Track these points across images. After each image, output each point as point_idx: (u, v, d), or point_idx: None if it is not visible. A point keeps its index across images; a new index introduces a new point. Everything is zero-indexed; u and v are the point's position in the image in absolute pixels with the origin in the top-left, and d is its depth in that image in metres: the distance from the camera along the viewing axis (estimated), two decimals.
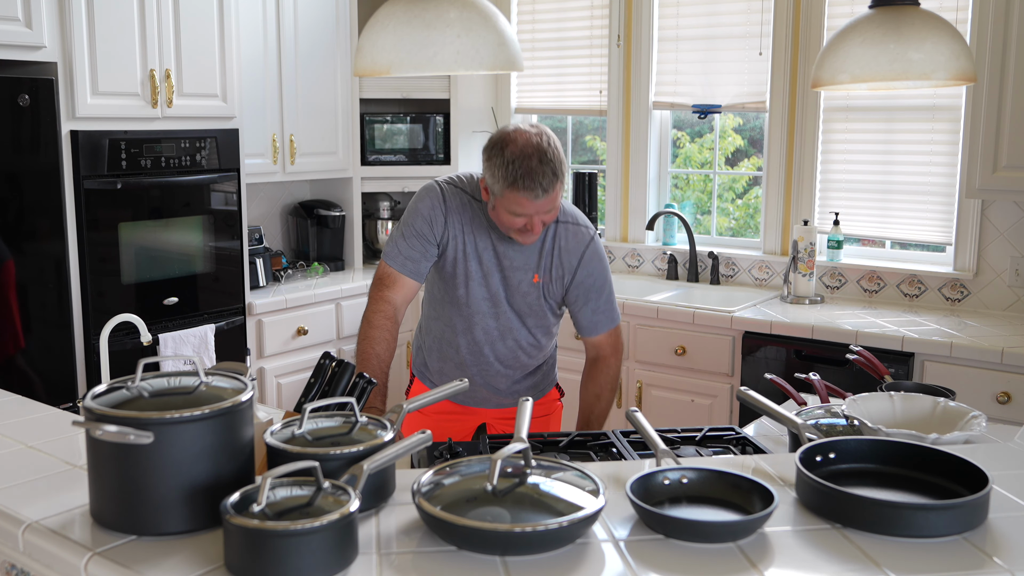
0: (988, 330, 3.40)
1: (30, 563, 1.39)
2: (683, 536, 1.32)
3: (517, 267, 2.31)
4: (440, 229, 2.28)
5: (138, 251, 3.48)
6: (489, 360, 2.39)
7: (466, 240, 2.29)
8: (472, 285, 2.31)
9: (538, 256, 2.31)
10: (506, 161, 2.09)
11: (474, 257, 2.29)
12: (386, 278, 2.29)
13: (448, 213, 2.28)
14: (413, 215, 2.30)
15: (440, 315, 2.40)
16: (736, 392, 2.04)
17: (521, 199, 2.11)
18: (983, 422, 1.82)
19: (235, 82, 3.74)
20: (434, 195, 2.29)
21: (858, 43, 2.25)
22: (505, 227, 2.20)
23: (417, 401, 1.74)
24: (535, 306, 2.35)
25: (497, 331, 2.36)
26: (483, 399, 2.46)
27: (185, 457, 1.29)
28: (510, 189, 2.10)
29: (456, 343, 2.39)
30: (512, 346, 2.39)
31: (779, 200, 4.15)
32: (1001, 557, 1.28)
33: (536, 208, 2.13)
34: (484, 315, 2.34)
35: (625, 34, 4.45)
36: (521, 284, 2.32)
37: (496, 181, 2.13)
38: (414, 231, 2.28)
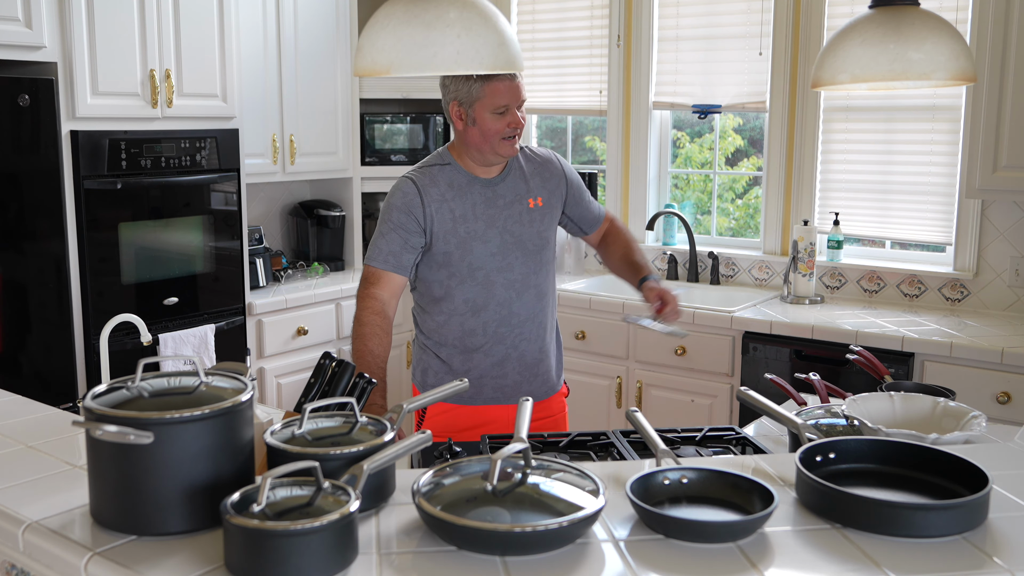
0: (988, 330, 3.40)
1: (30, 563, 1.39)
2: (683, 536, 1.32)
3: (511, 200, 2.38)
4: (419, 211, 2.31)
5: (138, 251, 3.47)
6: (519, 320, 2.39)
7: (452, 206, 2.33)
8: (475, 246, 2.33)
9: (523, 181, 2.41)
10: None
11: (468, 216, 2.34)
12: (370, 277, 2.32)
13: (423, 192, 2.32)
14: (387, 211, 2.35)
15: (454, 309, 2.37)
16: (736, 392, 2.04)
17: (499, 86, 2.23)
18: (983, 422, 1.82)
19: (235, 82, 3.74)
20: (403, 186, 2.35)
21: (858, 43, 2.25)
22: (491, 139, 2.28)
23: (417, 401, 1.74)
24: (541, 231, 2.41)
25: (518, 281, 2.38)
26: (512, 387, 2.42)
27: (185, 457, 1.29)
28: (487, 81, 2.22)
29: (482, 324, 2.37)
30: (533, 297, 2.41)
31: (779, 200, 4.15)
32: (1001, 557, 1.28)
33: (513, 94, 2.25)
34: (498, 270, 2.36)
35: (625, 34, 4.45)
36: (521, 216, 2.38)
37: (472, 83, 2.24)
38: (392, 225, 2.32)
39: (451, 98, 2.30)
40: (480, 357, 2.40)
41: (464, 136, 2.32)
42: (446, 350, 2.42)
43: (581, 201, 2.54)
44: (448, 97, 2.31)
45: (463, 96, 2.27)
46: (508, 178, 2.39)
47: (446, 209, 2.32)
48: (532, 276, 2.40)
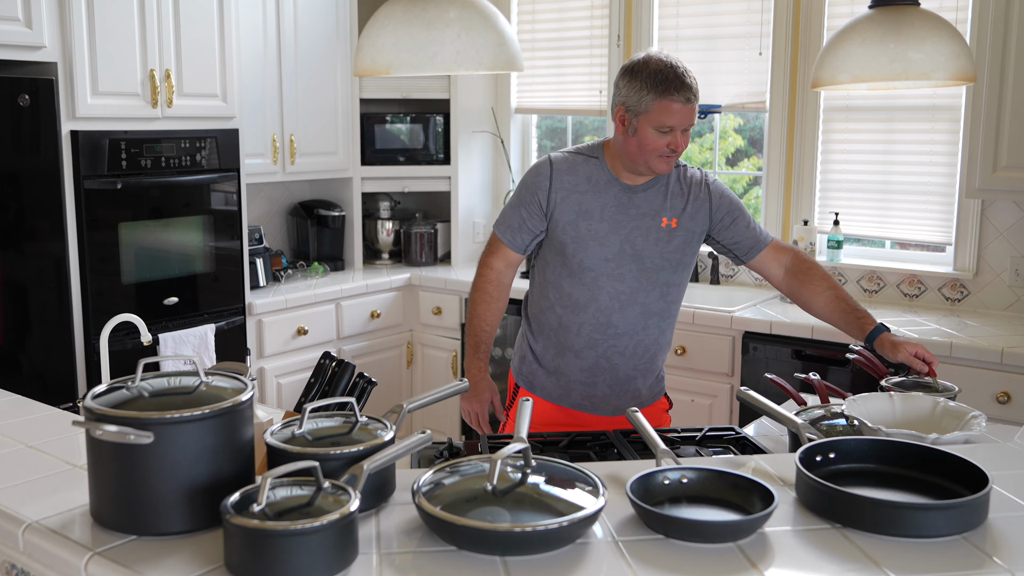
0: (988, 330, 3.40)
1: (30, 563, 1.39)
2: (683, 536, 1.32)
3: (644, 213, 2.30)
4: (544, 195, 2.31)
5: (138, 251, 3.48)
6: (616, 332, 2.33)
7: (582, 199, 2.30)
8: (591, 246, 2.29)
9: (664, 198, 2.31)
10: (653, 72, 2.16)
11: (594, 214, 2.29)
12: (492, 244, 2.42)
13: (555, 177, 2.30)
14: (521, 186, 2.38)
15: (557, 299, 2.35)
16: (736, 392, 2.04)
17: (672, 105, 2.15)
18: (983, 422, 1.82)
19: (235, 82, 3.74)
20: (541, 164, 2.35)
21: (858, 43, 2.25)
22: (647, 153, 2.21)
23: (418, 401, 1.74)
24: (665, 252, 2.31)
25: (625, 294, 2.32)
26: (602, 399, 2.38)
27: (185, 457, 1.29)
28: (661, 97, 2.15)
29: (577, 324, 2.33)
30: (638, 314, 2.33)
31: (779, 200, 4.15)
32: (1001, 557, 1.28)
33: (683, 117, 2.17)
34: (608, 277, 2.30)
35: (625, 34, 4.45)
36: (649, 231, 2.30)
37: (644, 94, 2.16)
38: (518, 200, 2.36)
39: (619, 101, 2.23)
40: (571, 358, 2.37)
41: (622, 143, 2.25)
42: (542, 341, 2.41)
43: (733, 226, 2.36)
44: (617, 99, 2.24)
45: (632, 104, 2.19)
46: (650, 190, 2.31)
47: (574, 201, 2.29)
48: (642, 293, 2.32)
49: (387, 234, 4.83)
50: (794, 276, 2.39)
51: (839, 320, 2.33)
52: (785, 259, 2.40)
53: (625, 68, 2.23)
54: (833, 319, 2.35)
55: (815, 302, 2.37)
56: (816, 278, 2.36)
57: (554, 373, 2.40)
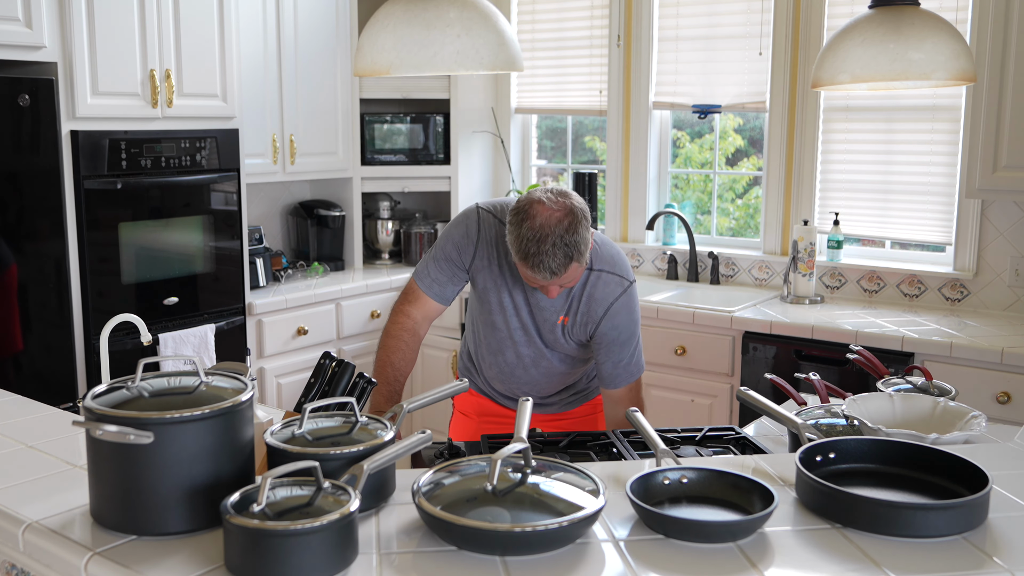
0: (988, 330, 3.40)
1: (30, 563, 1.39)
2: (683, 536, 1.32)
3: (544, 307, 2.27)
4: (468, 259, 2.27)
5: (138, 251, 3.47)
6: (523, 380, 2.37)
7: (497, 275, 2.26)
8: (506, 315, 2.29)
9: (566, 299, 2.25)
10: (522, 236, 2.04)
11: (505, 289, 2.27)
12: (411, 293, 2.33)
13: (479, 244, 2.26)
14: (445, 239, 2.30)
15: (476, 331, 2.41)
16: (736, 392, 2.04)
17: (528, 274, 2.09)
18: (983, 422, 1.82)
19: (235, 82, 3.74)
20: (469, 222, 2.27)
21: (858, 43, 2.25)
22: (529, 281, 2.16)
23: (418, 401, 1.74)
24: (563, 344, 2.31)
25: (529, 357, 2.34)
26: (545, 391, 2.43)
27: (185, 457, 1.29)
28: (522, 263, 2.07)
29: (496, 362, 2.38)
30: (543, 371, 2.36)
31: (779, 200, 4.15)
32: (1001, 557, 1.28)
33: (547, 283, 2.10)
34: (517, 343, 2.32)
35: (625, 34, 4.45)
36: (553, 326, 2.28)
37: (512, 248, 2.09)
38: (444, 254, 2.29)
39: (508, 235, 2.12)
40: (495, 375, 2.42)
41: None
42: (473, 347, 2.47)
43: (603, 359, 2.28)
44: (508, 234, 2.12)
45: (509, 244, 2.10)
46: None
47: (492, 272, 2.26)
48: (544, 361, 2.34)
49: (387, 234, 4.83)
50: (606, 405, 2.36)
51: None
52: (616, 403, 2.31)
53: (516, 205, 2.10)
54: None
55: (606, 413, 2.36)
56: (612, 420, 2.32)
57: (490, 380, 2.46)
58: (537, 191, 2.10)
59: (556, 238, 2.02)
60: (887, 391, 2.05)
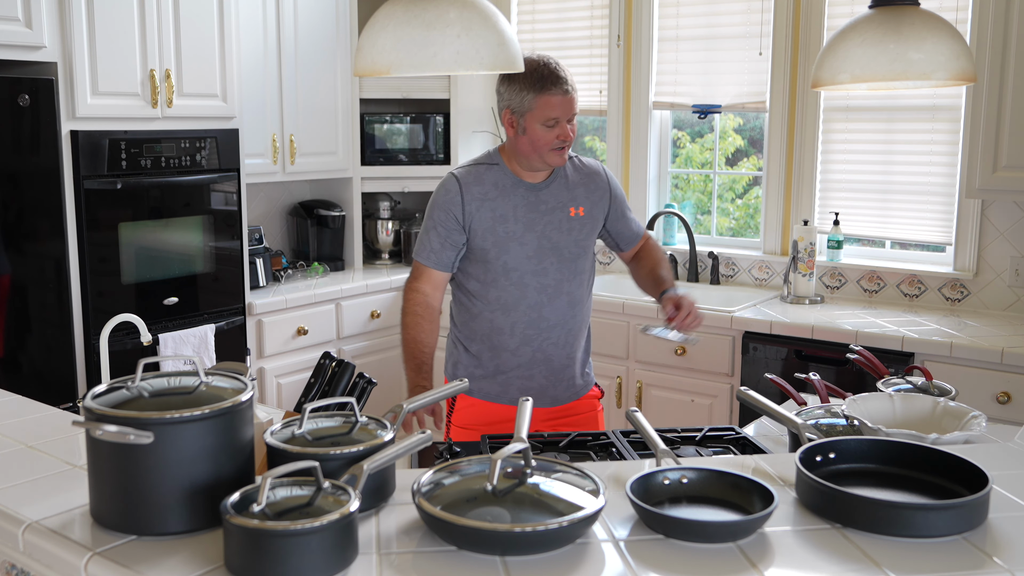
0: (988, 330, 3.40)
1: (30, 563, 1.39)
2: (683, 536, 1.32)
3: (552, 207, 2.39)
4: (459, 209, 2.36)
5: (138, 251, 3.47)
6: (548, 324, 2.41)
7: (494, 205, 2.37)
8: (512, 246, 2.36)
9: (567, 189, 2.42)
10: (528, 72, 2.24)
11: (508, 216, 2.37)
12: (415, 271, 2.44)
13: (464, 189, 2.37)
14: (431, 208, 2.42)
15: (485, 305, 2.41)
16: (736, 392, 2.04)
17: (552, 100, 2.25)
18: (983, 422, 1.82)
19: (235, 82, 3.74)
20: (447, 182, 2.41)
21: (858, 43, 2.25)
22: (540, 149, 2.31)
23: (417, 401, 1.74)
24: (579, 240, 2.42)
25: (551, 286, 2.40)
26: (539, 390, 2.43)
27: (185, 457, 1.29)
28: (541, 93, 2.25)
29: (510, 324, 2.40)
30: (565, 304, 2.42)
31: (779, 200, 4.15)
32: (1001, 557, 1.28)
33: (565, 108, 2.27)
34: (533, 273, 2.38)
35: (625, 34, 4.45)
36: (561, 223, 2.40)
37: (525, 94, 2.27)
38: (433, 222, 2.40)
39: (504, 105, 2.33)
40: (508, 356, 2.43)
41: (515, 143, 2.36)
42: (476, 345, 2.46)
43: (622, 217, 2.54)
44: (501, 104, 2.35)
45: (516, 105, 2.30)
46: (553, 184, 2.42)
47: (487, 208, 2.36)
48: (565, 283, 2.42)
49: (387, 234, 4.83)
50: (635, 256, 2.62)
51: (648, 285, 2.53)
52: (640, 244, 2.62)
53: (503, 74, 2.30)
54: (645, 286, 2.55)
55: (639, 274, 2.59)
56: (649, 256, 2.59)
57: (492, 374, 2.45)
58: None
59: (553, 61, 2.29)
60: (887, 391, 2.05)
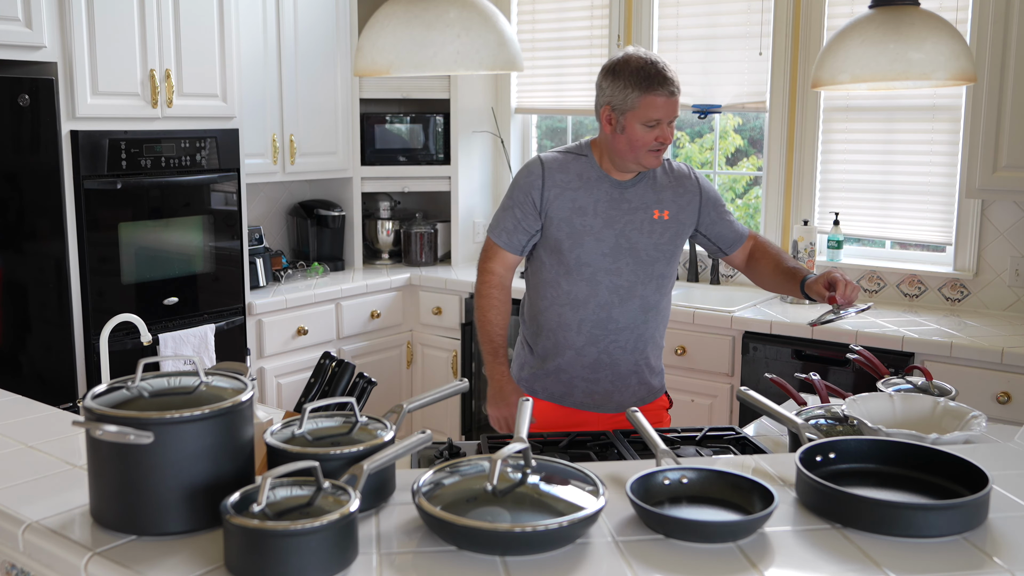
0: (988, 330, 3.40)
1: (30, 563, 1.39)
2: (683, 536, 1.32)
3: (636, 207, 2.34)
4: (538, 194, 2.34)
5: (138, 251, 3.47)
6: (617, 327, 2.35)
7: (575, 196, 2.33)
8: (587, 241, 2.32)
9: (653, 191, 2.36)
10: (634, 70, 2.21)
11: (588, 210, 2.32)
12: (488, 249, 2.44)
13: (547, 175, 2.34)
14: (512, 187, 2.40)
15: (556, 298, 2.37)
16: (736, 392, 2.04)
17: (656, 100, 2.21)
18: (983, 422, 1.82)
19: (235, 82, 3.74)
20: (531, 164, 2.38)
21: (858, 43, 2.25)
22: (637, 149, 2.26)
23: (418, 401, 1.74)
24: (659, 244, 2.36)
25: (624, 287, 2.35)
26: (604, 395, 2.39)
27: (185, 457, 1.29)
28: (645, 93, 2.21)
29: (578, 321, 2.35)
30: (637, 307, 2.37)
31: (779, 200, 4.15)
32: (1001, 557, 1.28)
33: (668, 110, 2.23)
34: (606, 271, 2.33)
35: (625, 34, 4.45)
36: (643, 224, 2.35)
37: (629, 91, 2.22)
38: (511, 202, 2.38)
39: (604, 101, 2.28)
40: (572, 355, 2.38)
41: (611, 140, 2.30)
42: (542, 341, 2.42)
43: (719, 220, 2.46)
44: (602, 99, 2.29)
45: (617, 103, 2.25)
46: (639, 184, 2.36)
47: (567, 198, 2.33)
48: (640, 286, 2.36)
49: (387, 234, 4.83)
50: (751, 258, 2.52)
51: (779, 283, 2.44)
52: (749, 246, 2.53)
53: (607, 68, 2.28)
54: (776, 285, 2.46)
55: (763, 276, 2.49)
56: (767, 254, 2.48)
57: (555, 372, 2.40)
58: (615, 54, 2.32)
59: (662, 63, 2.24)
60: (887, 391, 2.05)
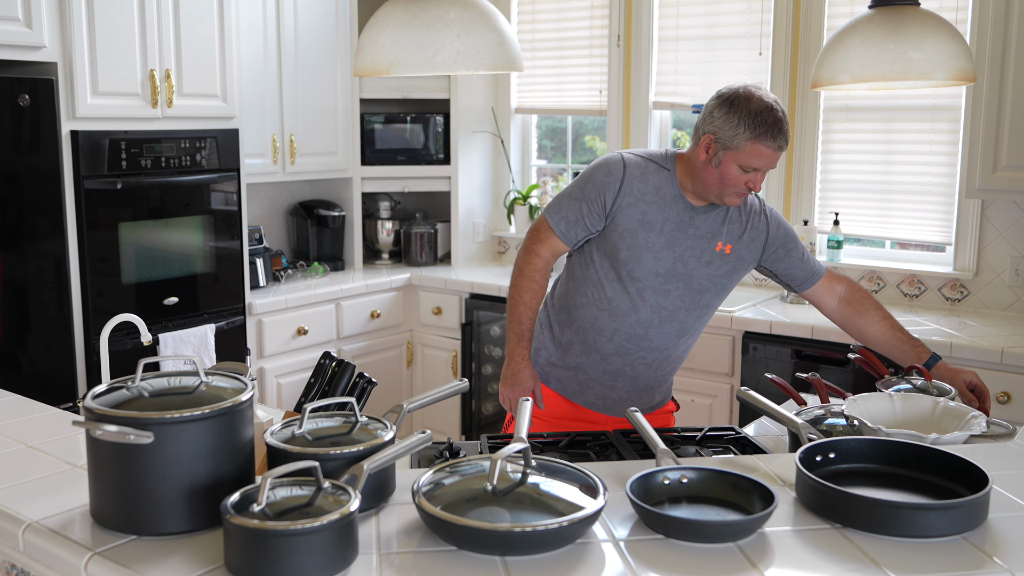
0: (988, 330, 3.40)
1: (30, 563, 1.39)
2: (683, 536, 1.32)
3: (702, 235, 2.28)
4: (611, 197, 2.26)
5: (138, 251, 3.47)
6: (650, 345, 2.32)
7: (646, 209, 2.26)
8: (645, 257, 2.26)
9: (723, 223, 2.30)
10: (753, 112, 2.12)
11: (655, 227, 2.26)
12: (541, 231, 2.34)
13: (626, 181, 2.26)
14: (586, 179, 2.31)
15: (596, 299, 2.32)
16: (736, 392, 2.04)
17: (764, 150, 2.13)
18: (983, 422, 1.82)
19: (235, 82, 3.74)
20: (613, 163, 2.29)
21: (858, 43, 2.26)
22: (724, 187, 2.19)
23: (418, 401, 1.74)
24: (713, 275, 2.30)
25: (667, 310, 2.30)
26: (617, 402, 2.39)
27: (185, 457, 1.29)
28: (755, 140, 2.12)
29: (612, 329, 2.32)
30: (674, 331, 2.33)
31: (779, 200, 4.15)
32: (1001, 557, 1.28)
33: (771, 161, 2.15)
34: (655, 291, 2.28)
35: (625, 34, 4.45)
36: (703, 253, 2.28)
37: (739, 131, 2.13)
38: (582, 193, 2.29)
39: (711, 130, 2.18)
40: (597, 359, 2.35)
41: (701, 168, 2.21)
42: (568, 334, 2.38)
43: (787, 257, 2.37)
44: (707, 127, 2.19)
45: (723, 137, 2.15)
46: (711, 213, 2.29)
47: (638, 209, 2.26)
48: (683, 312, 2.32)
49: (387, 234, 4.83)
50: (849, 305, 2.41)
51: (895, 350, 2.34)
52: (840, 288, 2.42)
53: (724, 98, 2.17)
54: (890, 349, 2.35)
55: (870, 331, 2.38)
56: (870, 308, 2.38)
57: (574, 368, 2.38)
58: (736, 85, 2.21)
59: (781, 111, 2.15)
60: (887, 391, 2.05)
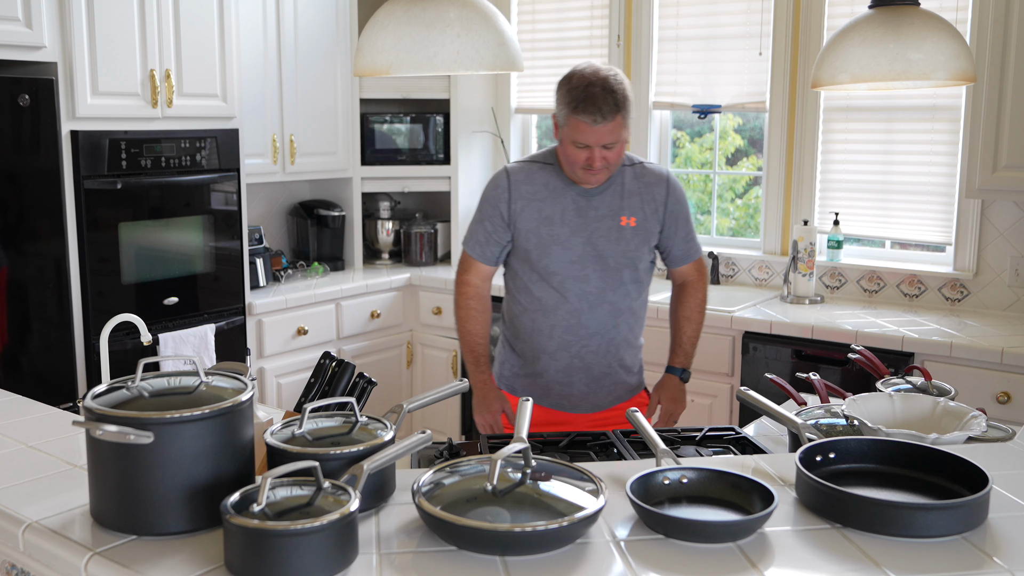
0: (988, 330, 3.40)
1: (30, 563, 1.39)
2: (683, 536, 1.32)
3: (603, 214, 2.34)
4: (505, 207, 2.35)
5: (138, 251, 3.47)
6: (587, 332, 2.38)
7: (540, 206, 2.34)
8: (554, 250, 2.34)
9: (620, 198, 2.36)
10: (571, 87, 2.21)
11: (555, 219, 2.34)
12: (463, 262, 2.47)
13: (513, 187, 2.35)
14: (481, 201, 2.43)
15: (529, 303, 2.41)
16: (736, 392, 2.04)
17: (581, 125, 2.19)
18: (983, 422, 1.82)
19: (235, 82, 3.74)
20: (497, 177, 2.41)
21: (858, 43, 2.25)
22: (570, 164, 2.27)
23: (418, 401, 1.74)
24: (627, 251, 2.36)
25: (592, 294, 2.36)
26: (580, 397, 2.44)
27: (185, 457, 1.29)
28: (572, 114, 2.20)
29: (549, 326, 2.39)
30: (607, 313, 2.39)
31: (779, 200, 4.15)
32: (1001, 557, 1.28)
33: (596, 136, 2.19)
34: (574, 279, 2.35)
35: (625, 34, 4.45)
36: (610, 232, 2.35)
37: (561, 108, 2.24)
38: (481, 215, 2.41)
39: (556, 108, 2.29)
40: (547, 360, 2.42)
41: (559, 151, 2.33)
42: (520, 344, 2.47)
43: (673, 236, 2.45)
44: (556, 106, 2.30)
45: (559, 115, 2.27)
46: (606, 192, 2.35)
47: (534, 208, 2.34)
48: (609, 292, 2.38)
49: (387, 234, 4.83)
50: (681, 290, 2.58)
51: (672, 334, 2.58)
52: (692, 277, 2.56)
53: (561, 78, 2.29)
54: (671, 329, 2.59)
55: (672, 317, 2.60)
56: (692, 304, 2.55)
57: (532, 375, 2.46)
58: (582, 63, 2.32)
59: (604, 83, 2.19)
60: (887, 391, 2.05)
